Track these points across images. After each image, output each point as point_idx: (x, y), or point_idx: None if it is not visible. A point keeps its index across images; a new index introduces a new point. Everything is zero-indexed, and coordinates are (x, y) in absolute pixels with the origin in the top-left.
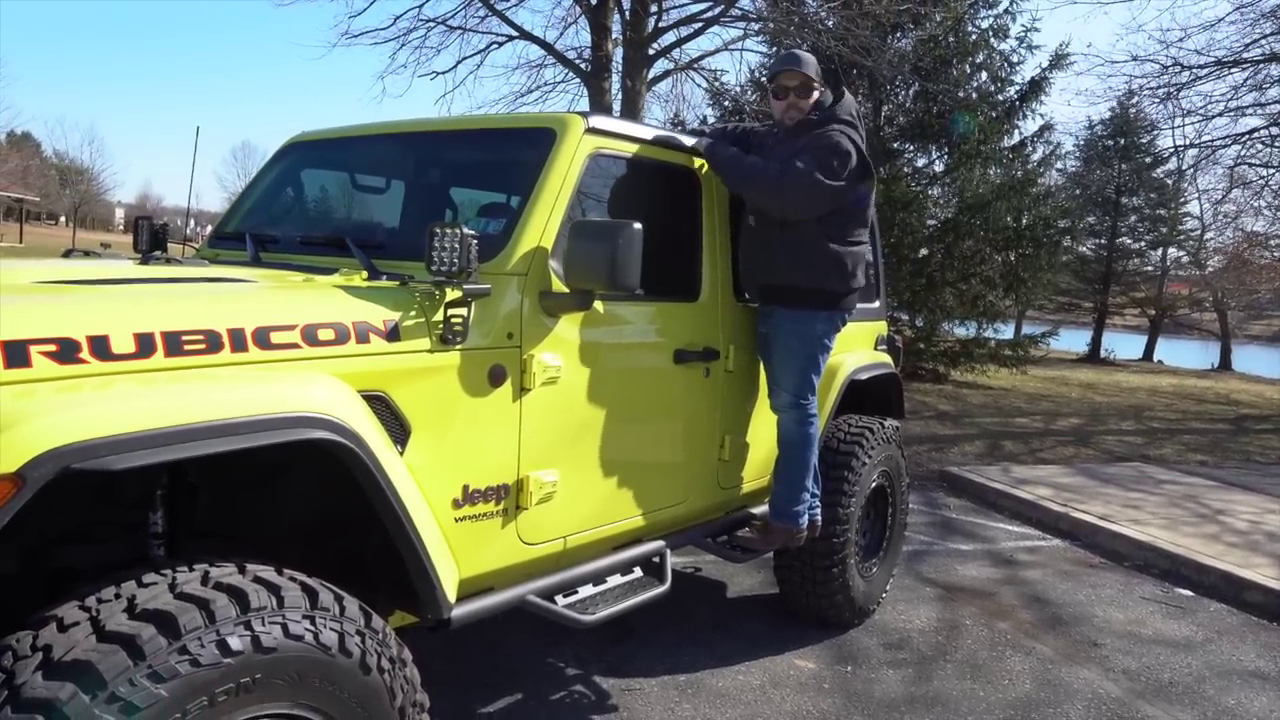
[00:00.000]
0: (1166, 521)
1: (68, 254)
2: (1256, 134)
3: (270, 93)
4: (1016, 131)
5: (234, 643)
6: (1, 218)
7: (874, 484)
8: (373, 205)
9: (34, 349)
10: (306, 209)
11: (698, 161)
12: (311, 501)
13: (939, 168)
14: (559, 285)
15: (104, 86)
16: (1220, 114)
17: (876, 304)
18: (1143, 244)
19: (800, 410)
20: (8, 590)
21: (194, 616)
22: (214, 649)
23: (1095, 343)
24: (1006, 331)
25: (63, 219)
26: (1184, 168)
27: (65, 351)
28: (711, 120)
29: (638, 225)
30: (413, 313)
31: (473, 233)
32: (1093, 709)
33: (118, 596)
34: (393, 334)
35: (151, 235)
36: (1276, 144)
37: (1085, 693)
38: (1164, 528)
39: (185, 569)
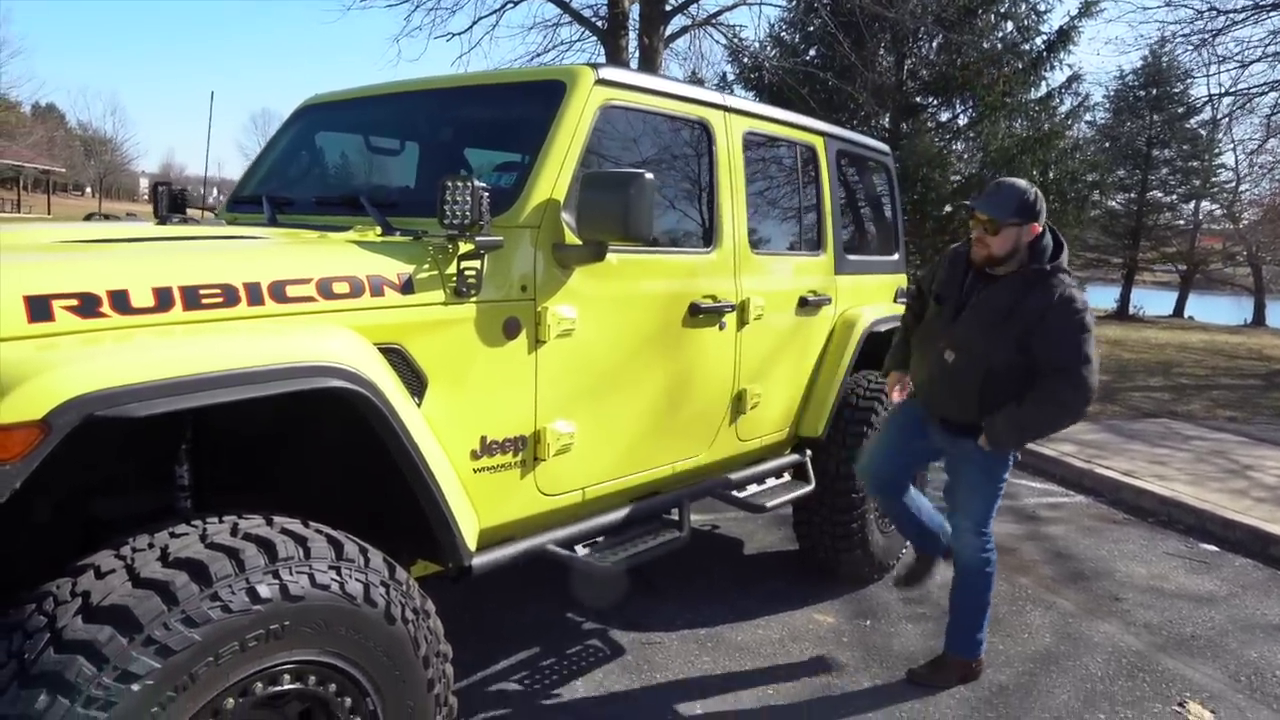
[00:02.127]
0: (1192, 477)
1: (89, 218)
2: None
3: (289, 58)
4: (1043, 83)
5: (263, 590)
6: (29, 189)
7: None
8: (387, 165)
9: (56, 303)
10: (322, 171)
11: (711, 112)
12: (334, 455)
13: (963, 121)
14: (572, 238)
15: (123, 54)
16: (1257, 60)
17: (895, 256)
18: (1174, 197)
19: (981, 539)
20: (43, 539)
21: (224, 565)
22: (244, 596)
23: (1124, 299)
24: None
25: (89, 190)
26: (1219, 117)
27: (86, 306)
28: (731, 77)
29: (649, 175)
30: (426, 266)
31: (484, 185)
32: (1112, 661)
33: (151, 546)
34: (407, 287)
35: (171, 200)
36: None
37: (1105, 646)
38: (1189, 483)
39: (215, 520)
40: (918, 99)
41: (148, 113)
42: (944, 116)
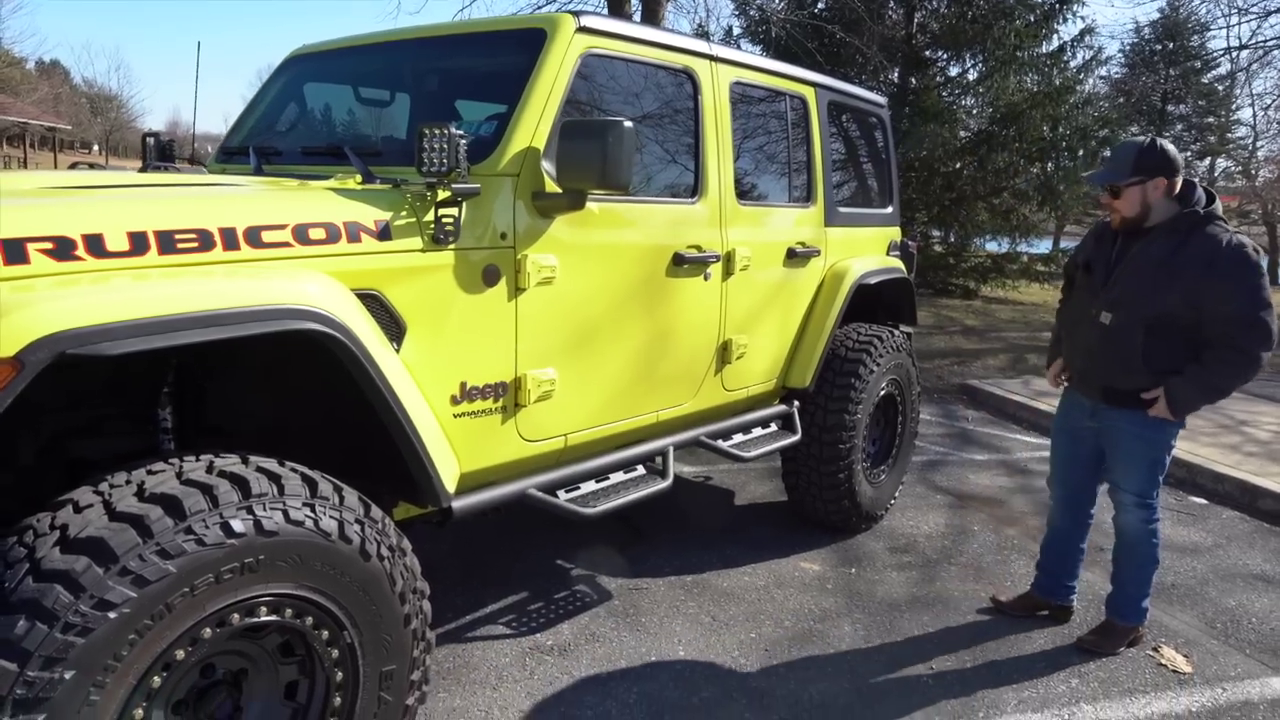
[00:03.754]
0: (1186, 432)
1: (73, 166)
2: None
3: (297, 13)
4: (1055, 36)
5: (237, 525)
6: (35, 146)
7: (882, 392)
8: (373, 116)
9: (31, 246)
10: (308, 122)
11: (697, 61)
12: (316, 399)
13: (973, 76)
14: (553, 186)
15: (126, 11)
16: (1278, 10)
17: (889, 209)
18: (1189, 154)
19: (1146, 510)
20: (28, 480)
21: (198, 500)
22: (218, 530)
23: None
24: (1042, 248)
25: (95, 147)
26: (1236, 70)
27: (61, 249)
28: (737, 31)
29: (629, 123)
30: (404, 213)
31: (461, 133)
32: (1092, 609)
33: (128, 482)
34: (384, 234)
35: (159, 150)
36: None
37: (1085, 593)
38: (1182, 438)
39: (192, 459)
40: (927, 53)
41: (153, 70)
42: (953, 71)
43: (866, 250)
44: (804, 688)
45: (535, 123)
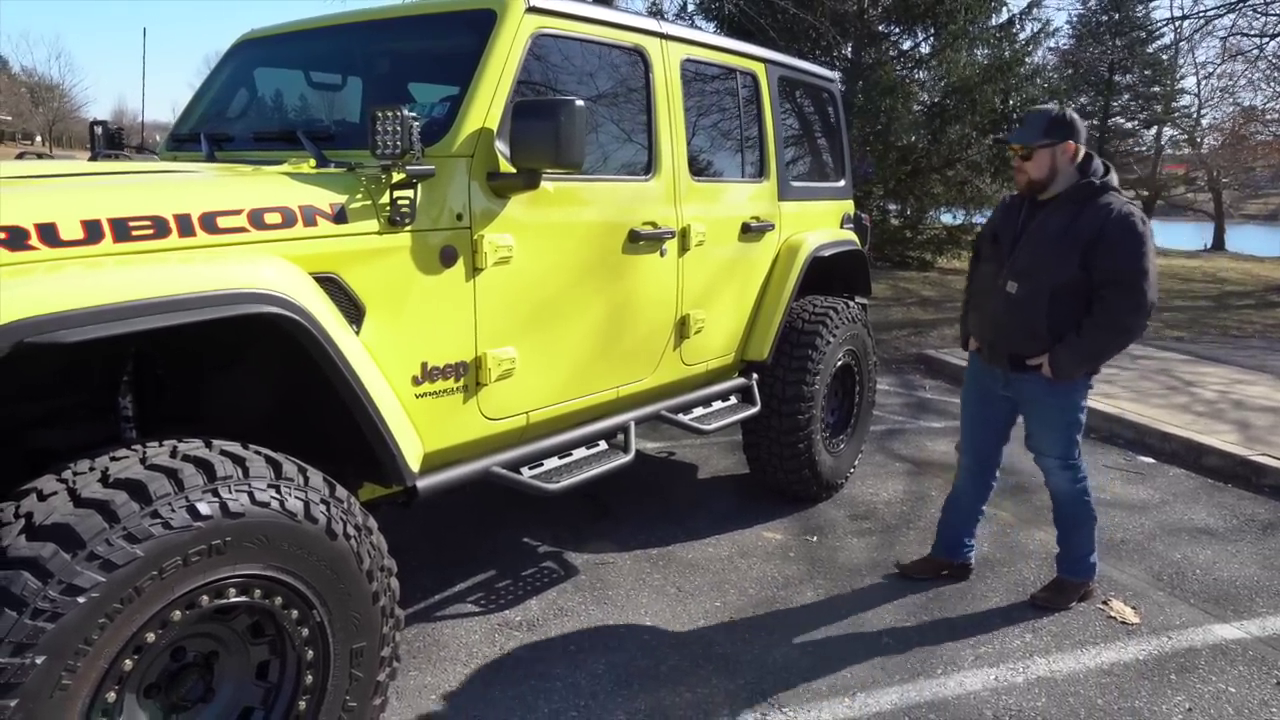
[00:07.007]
0: (1135, 394)
1: (20, 156)
2: (1249, 1)
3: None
4: (1004, 9)
5: (203, 508)
6: None
7: (839, 362)
8: (326, 100)
9: None
10: (260, 107)
11: (647, 40)
12: (278, 384)
13: (925, 50)
14: (507, 166)
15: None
16: None
17: (842, 183)
18: (1136, 123)
19: (1072, 471)
20: None
21: (163, 484)
22: (184, 513)
23: None
24: None
25: (39, 138)
26: (1179, 40)
27: (14, 239)
28: (691, 8)
29: (580, 102)
30: (359, 196)
31: (414, 115)
32: (1044, 567)
33: (92, 469)
34: (340, 217)
35: (108, 138)
36: (1271, 10)
37: (1039, 553)
38: (1132, 400)
39: (155, 445)
40: (880, 27)
41: (96, 59)
42: (906, 45)
43: (820, 224)
44: (768, 652)
45: (488, 104)
